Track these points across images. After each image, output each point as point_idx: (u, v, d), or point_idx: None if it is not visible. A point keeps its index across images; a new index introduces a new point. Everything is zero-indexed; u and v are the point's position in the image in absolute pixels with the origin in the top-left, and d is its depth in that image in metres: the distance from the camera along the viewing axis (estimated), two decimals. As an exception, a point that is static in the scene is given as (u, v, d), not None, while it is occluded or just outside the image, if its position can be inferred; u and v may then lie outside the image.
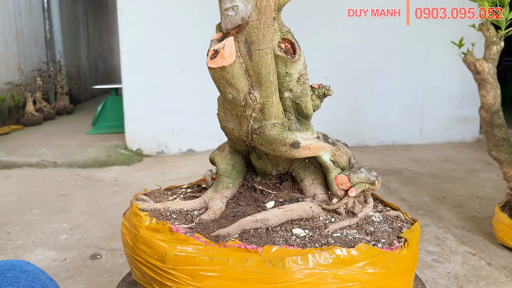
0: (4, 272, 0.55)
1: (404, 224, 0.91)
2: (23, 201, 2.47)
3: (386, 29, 3.87)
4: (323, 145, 0.85)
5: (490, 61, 1.98)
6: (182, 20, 3.57)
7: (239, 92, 0.83)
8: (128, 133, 3.67)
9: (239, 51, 0.81)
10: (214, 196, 0.93)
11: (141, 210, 0.91)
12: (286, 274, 0.70)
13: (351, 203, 0.90)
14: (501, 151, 1.89)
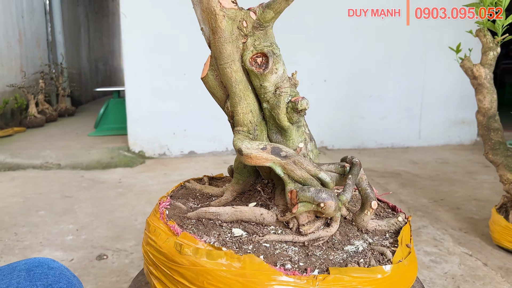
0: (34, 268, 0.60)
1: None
2: (29, 202, 2.51)
3: (385, 32, 3.92)
4: (266, 157, 0.86)
5: (487, 67, 2.03)
6: (184, 24, 3.61)
7: (220, 100, 0.92)
8: (131, 135, 3.72)
9: (213, 65, 0.91)
10: (227, 188, 1.01)
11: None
12: (181, 257, 0.81)
13: (303, 221, 0.89)
14: (498, 154, 1.94)
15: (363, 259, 0.81)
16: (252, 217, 0.92)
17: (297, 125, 0.91)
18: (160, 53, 3.62)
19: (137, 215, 2.32)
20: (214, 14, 0.84)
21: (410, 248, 0.87)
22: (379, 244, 0.87)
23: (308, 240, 0.86)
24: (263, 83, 0.88)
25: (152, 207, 2.45)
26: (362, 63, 3.96)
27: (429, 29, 3.95)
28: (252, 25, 0.87)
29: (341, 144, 4.06)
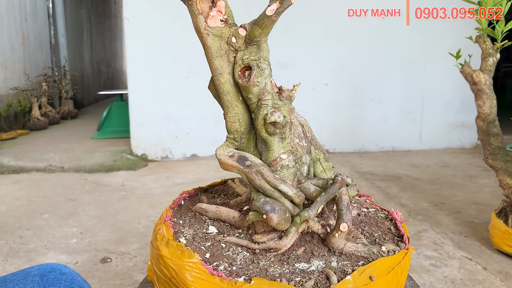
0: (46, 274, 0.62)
1: None
2: (33, 205, 2.54)
3: (386, 36, 3.95)
4: (232, 163, 0.90)
5: (486, 72, 2.05)
6: (186, 28, 3.64)
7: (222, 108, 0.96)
8: (133, 138, 3.75)
9: None
10: (247, 190, 1.11)
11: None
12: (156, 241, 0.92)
13: (259, 229, 0.91)
14: (497, 159, 1.96)
15: (302, 278, 0.79)
16: (227, 218, 0.97)
17: (279, 136, 0.91)
18: (163, 57, 3.65)
19: (140, 218, 2.34)
20: (200, 32, 0.91)
21: (372, 281, 0.78)
22: (341, 269, 0.81)
23: (261, 248, 0.88)
24: (248, 94, 0.91)
25: (155, 210, 2.48)
26: (363, 67, 3.99)
27: (429, 33, 3.98)
28: (244, 40, 0.91)
29: (342, 147, 4.09)
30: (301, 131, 0.96)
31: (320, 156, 1.03)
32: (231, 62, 0.93)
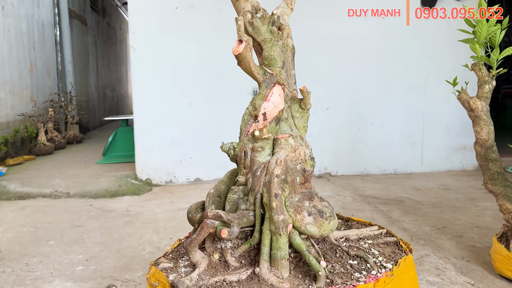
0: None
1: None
2: (39, 232, 2.57)
3: (386, 61, 4.03)
4: None
5: (483, 99, 2.09)
6: (191, 56, 3.75)
7: None
8: (138, 163, 3.80)
9: None
10: None
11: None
12: None
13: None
14: (496, 184, 1.99)
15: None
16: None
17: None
18: (168, 84, 3.74)
19: (145, 244, 2.37)
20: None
21: None
22: None
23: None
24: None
25: (159, 236, 2.50)
26: (363, 91, 4.06)
27: (429, 58, 4.06)
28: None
29: (344, 170, 4.12)
30: None
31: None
32: None
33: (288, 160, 1.31)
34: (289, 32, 1.47)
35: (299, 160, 1.34)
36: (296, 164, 1.32)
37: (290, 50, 1.48)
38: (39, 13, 5.95)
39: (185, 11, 3.68)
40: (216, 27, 3.74)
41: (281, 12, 1.46)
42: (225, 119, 3.88)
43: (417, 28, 4.03)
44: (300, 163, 1.34)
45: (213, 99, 3.83)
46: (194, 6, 3.69)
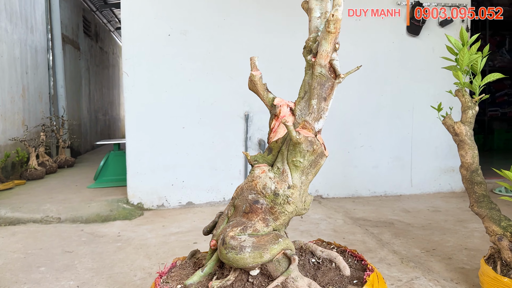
0: None
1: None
2: (30, 258, 2.55)
3: (374, 86, 4.13)
4: None
5: (467, 124, 2.17)
6: (183, 81, 3.81)
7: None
8: (130, 187, 3.81)
9: None
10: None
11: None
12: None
13: None
14: (482, 207, 2.04)
15: None
16: None
17: None
18: (160, 108, 3.78)
19: (136, 270, 2.36)
20: None
21: None
22: None
23: None
24: None
25: (151, 261, 2.50)
26: (353, 115, 4.14)
27: (415, 82, 4.17)
28: None
29: (335, 193, 4.16)
30: None
31: None
32: None
33: (245, 187, 1.36)
34: (326, 58, 1.34)
35: (253, 190, 1.35)
36: (250, 193, 1.34)
37: (316, 79, 1.38)
38: (33, 39, 6.02)
39: (178, 38, 3.77)
40: (208, 54, 3.82)
41: (321, 37, 1.32)
42: (216, 143, 3.92)
43: (403, 54, 4.16)
44: (254, 194, 1.35)
45: (205, 124, 3.88)
46: (187, 33, 3.78)
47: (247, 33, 3.89)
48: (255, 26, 3.90)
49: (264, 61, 3.89)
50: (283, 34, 3.92)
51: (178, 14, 3.76)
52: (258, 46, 3.89)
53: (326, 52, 1.32)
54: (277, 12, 3.92)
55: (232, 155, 3.95)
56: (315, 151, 1.32)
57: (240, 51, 3.87)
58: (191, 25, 3.79)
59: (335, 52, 1.32)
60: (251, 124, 3.94)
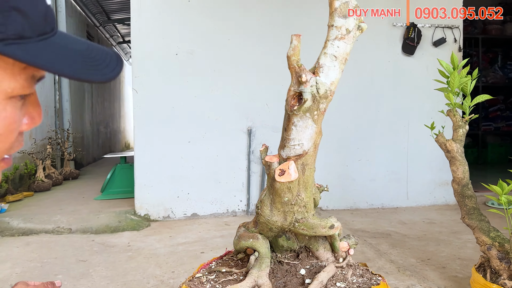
0: None
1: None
2: (46, 267, 2.69)
3: (370, 103, 4.32)
4: (340, 226, 1.30)
5: (458, 142, 2.34)
6: (189, 98, 3.99)
7: (293, 195, 1.19)
8: (137, 199, 3.95)
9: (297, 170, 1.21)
10: (260, 274, 1.24)
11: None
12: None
13: (349, 259, 1.32)
14: (473, 218, 2.21)
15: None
16: (332, 272, 1.37)
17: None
18: (167, 124, 3.95)
19: (149, 278, 2.51)
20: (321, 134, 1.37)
21: None
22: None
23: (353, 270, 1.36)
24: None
25: (162, 270, 2.64)
26: (351, 130, 4.32)
27: (410, 100, 4.37)
28: None
29: (334, 205, 4.32)
30: None
31: None
32: None
33: None
34: (289, 92, 1.36)
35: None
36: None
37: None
38: (40, 54, 6.19)
39: (185, 57, 3.96)
40: (214, 72, 4.01)
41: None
42: (221, 156, 4.08)
43: (399, 72, 4.36)
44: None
45: (210, 138, 4.04)
46: (194, 52, 3.97)
47: (249, 52, 4.09)
48: (257, 45, 4.09)
49: (266, 79, 4.10)
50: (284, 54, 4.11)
51: (185, 35, 3.96)
52: (260, 64, 4.08)
53: (290, 86, 1.38)
54: (278, 32, 4.12)
55: (235, 168, 4.11)
56: (269, 174, 1.39)
57: (243, 69, 4.06)
58: (198, 45, 3.98)
59: (303, 84, 1.31)
60: (253, 139, 4.12)
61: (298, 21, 4.16)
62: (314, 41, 4.18)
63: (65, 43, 0.51)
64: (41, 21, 0.48)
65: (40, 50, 0.46)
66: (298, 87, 1.28)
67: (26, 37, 0.45)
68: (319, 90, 1.28)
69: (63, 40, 0.51)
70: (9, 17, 0.44)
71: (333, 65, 1.28)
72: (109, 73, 0.52)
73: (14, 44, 0.44)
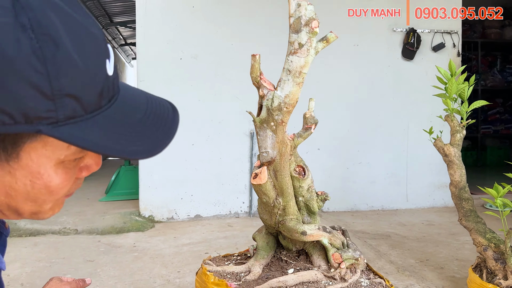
0: None
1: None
2: (55, 267, 2.76)
3: (371, 107, 4.40)
4: (321, 234, 1.29)
5: (455, 146, 2.42)
6: (193, 101, 4.07)
7: (270, 198, 1.27)
8: (142, 201, 4.03)
9: (270, 175, 1.26)
10: (255, 263, 1.33)
11: (208, 271, 1.29)
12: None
13: (343, 272, 1.31)
14: (469, 220, 2.29)
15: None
16: (310, 278, 1.32)
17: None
18: (171, 126, 4.02)
19: (155, 277, 2.58)
20: (286, 144, 1.30)
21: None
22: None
23: (349, 284, 1.29)
24: (301, 184, 1.28)
25: (167, 269, 2.72)
26: (351, 134, 4.40)
27: (409, 104, 4.45)
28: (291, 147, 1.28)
29: (335, 207, 4.39)
30: None
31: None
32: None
33: None
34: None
35: None
36: None
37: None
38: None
39: (188, 62, 4.04)
40: (217, 76, 4.09)
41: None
42: (224, 159, 4.16)
43: (398, 77, 4.44)
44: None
45: (213, 141, 4.12)
46: (197, 57, 4.05)
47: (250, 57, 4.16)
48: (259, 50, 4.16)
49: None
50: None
51: (189, 40, 4.04)
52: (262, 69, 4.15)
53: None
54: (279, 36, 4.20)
55: (238, 170, 4.19)
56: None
57: (246, 73, 4.13)
58: (201, 49, 4.06)
59: (262, 98, 1.45)
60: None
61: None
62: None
63: (121, 113, 0.50)
64: (95, 99, 0.47)
65: (86, 129, 0.46)
66: (260, 100, 1.40)
67: (76, 117, 0.45)
68: (273, 103, 1.36)
69: (119, 109, 0.50)
70: (61, 103, 0.44)
71: (287, 79, 1.36)
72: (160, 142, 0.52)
73: (63, 125, 0.44)
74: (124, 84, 0.57)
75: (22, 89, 0.41)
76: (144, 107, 0.55)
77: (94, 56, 0.47)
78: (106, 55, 0.49)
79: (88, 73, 0.46)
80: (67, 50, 0.43)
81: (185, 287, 2.44)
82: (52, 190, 0.50)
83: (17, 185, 0.48)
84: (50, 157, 0.47)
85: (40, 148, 0.46)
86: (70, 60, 0.43)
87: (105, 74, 0.49)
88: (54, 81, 0.42)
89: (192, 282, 2.51)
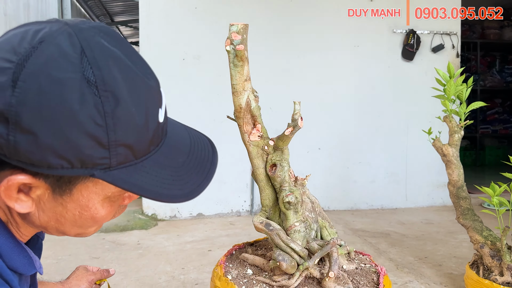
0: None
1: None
2: (62, 263, 2.83)
3: (371, 107, 4.46)
4: (262, 228, 1.33)
5: (453, 146, 2.48)
6: (195, 101, 4.13)
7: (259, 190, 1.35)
8: (145, 200, 4.09)
9: None
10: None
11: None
12: None
13: (277, 273, 1.33)
14: (467, 219, 2.35)
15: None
16: (259, 264, 1.36)
17: (293, 210, 1.31)
18: (174, 126, 4.08)
19: (160, 274, 2.64)
20: (245, 143, 1.36)
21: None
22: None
23: (277, 285, 1.26)
24: (274, 182, 1.32)
25: (172, 266, 2.78)
26: (352, 133, 4.46)
27: (409, 104, 4.51)
28: (273, 147, 1.32)
29: (335, 206, 4.45)
30: (310, 206, 1.35)
31: (326, 224, 1.40)
32: (264, 161, 1.33)
33: None
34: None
35: None
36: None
37: None
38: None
39: (191, 62, 4.09)
40: (219, 76, 4.14)
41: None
42: (226, 158, 4.21)
43: (398, 77, 4.50)
44: None
45: (215, 140, 4.13)
46: (200, 57, 4.11)
47: (253, 58, 4.20)
48: (260, 51, 4.23)
49: (269, 83, 4.23)
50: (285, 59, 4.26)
51: (191, 41, 4.09)
52: (263, 69, 4.22)
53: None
54: (280, 38, 4.26)
55: (239, 170, 4.25)
56: None
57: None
58: (204, 50, 4.12)
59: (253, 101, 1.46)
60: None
61: (299, 29, 4.30)
62: (314, 48, 4.33)
63: (166, 157, 0.53)
64: (146, 147, 0.50)
65: (134, 173, 0.48)
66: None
67: (127, 162, 0.48)
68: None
69: (165, 153, 0.53)
70: (115, 152, 0.47)
71: None
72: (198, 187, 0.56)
73: (114, 170, 0.47)
74: (169, 121, 0.61)
75: (82, 139, 0.45)
76: (187, 149, 0.59)
77: (149, 108, 0.51)
78: (159, 105, 0.54)
79: (143, 125, 0.50)
80: (126, 106, 0.47)
81: (189, 283, 2.50)
82: (98, 220, 0.56)
83: (67, 214, 0.54)
84: (99, 194, 0.53)
85: (91, 186, 0.52)
86: (127, 114, 0.47)
87: (157, 122, 0.53)
88: (111, 133, 0.46)
89: (196, 278, 2.57)
